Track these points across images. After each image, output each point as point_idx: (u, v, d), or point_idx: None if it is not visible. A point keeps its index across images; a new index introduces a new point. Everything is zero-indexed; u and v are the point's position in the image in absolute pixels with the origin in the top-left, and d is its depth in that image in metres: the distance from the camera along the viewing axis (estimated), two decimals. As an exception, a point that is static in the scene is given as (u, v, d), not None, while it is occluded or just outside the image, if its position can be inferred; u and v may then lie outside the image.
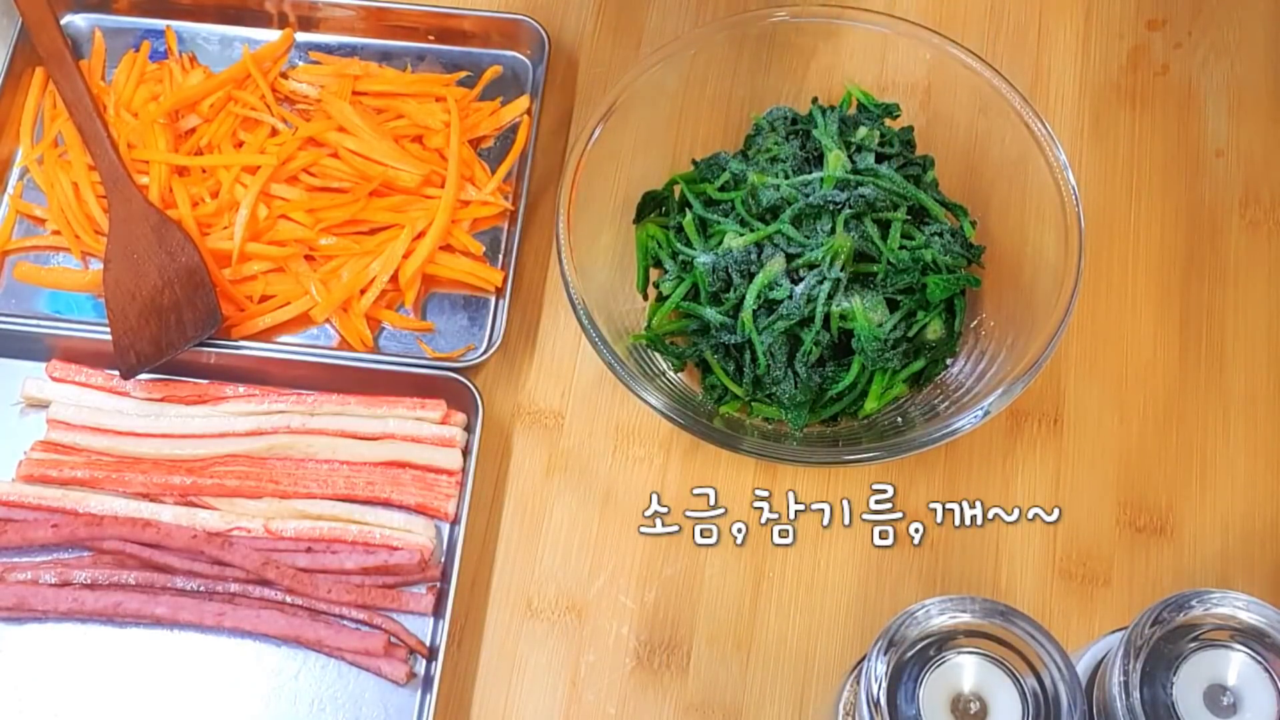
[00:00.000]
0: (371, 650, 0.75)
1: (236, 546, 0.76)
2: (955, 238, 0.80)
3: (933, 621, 0.59)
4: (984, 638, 0.60)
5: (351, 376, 0.82)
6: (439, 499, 0.79)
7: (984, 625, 0.59)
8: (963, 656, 0.59)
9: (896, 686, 0.58)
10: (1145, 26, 0.94)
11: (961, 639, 0.60)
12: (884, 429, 0.78)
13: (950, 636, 0.60)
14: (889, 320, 0.77)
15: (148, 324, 0.81)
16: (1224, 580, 0.78)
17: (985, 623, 0.59)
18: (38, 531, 0.77)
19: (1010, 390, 0.73)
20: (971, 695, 0.59)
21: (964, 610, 0.60)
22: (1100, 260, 0.86)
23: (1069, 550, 0.79)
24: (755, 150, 0.83)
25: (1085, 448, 0.81)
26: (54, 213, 0.86)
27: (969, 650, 0.60)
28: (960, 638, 0.60)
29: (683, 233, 0.81)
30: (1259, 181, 0.88)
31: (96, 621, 0.76)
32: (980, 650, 0.60)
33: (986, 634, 0.60)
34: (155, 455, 0.80)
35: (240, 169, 0.86)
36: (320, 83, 0.90)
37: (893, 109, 0.85)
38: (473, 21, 0.92)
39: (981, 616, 0.59)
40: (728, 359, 0.79)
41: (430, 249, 0.84)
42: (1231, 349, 0.84)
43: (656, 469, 0.81)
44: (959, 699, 0.59)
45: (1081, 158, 0.89)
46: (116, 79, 0.90)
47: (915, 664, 0.59)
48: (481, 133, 0.90)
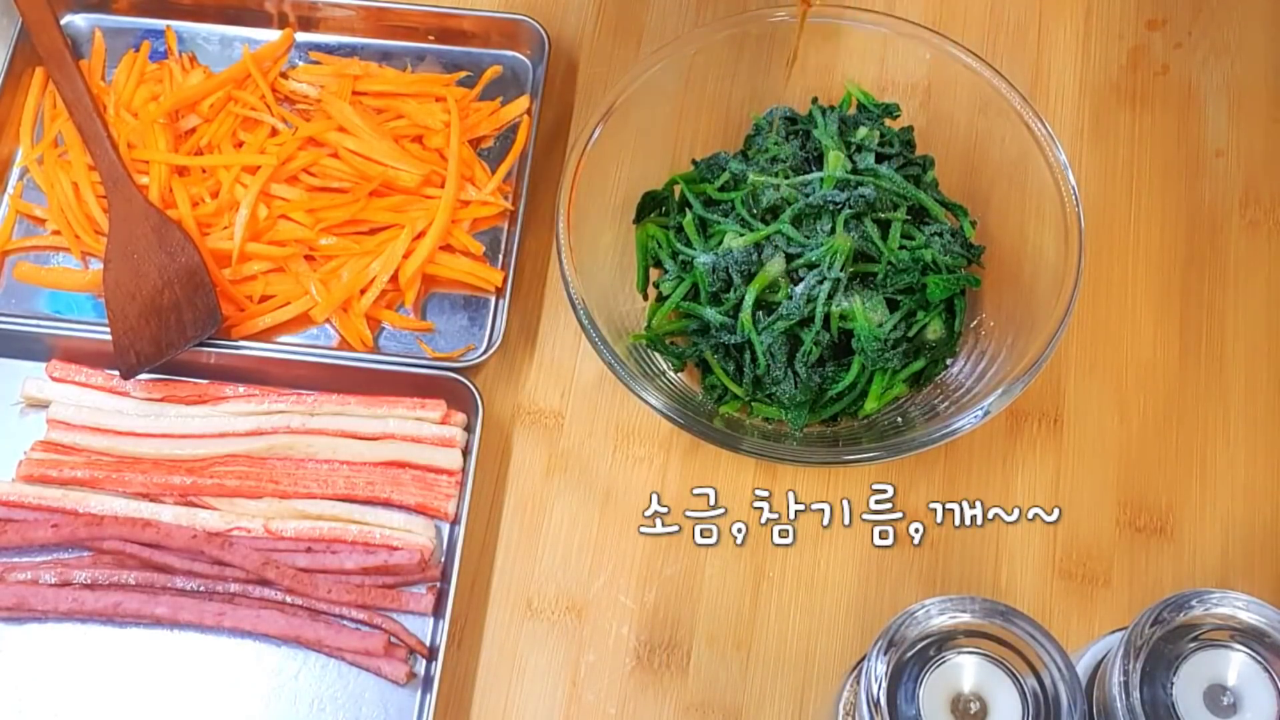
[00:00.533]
0: (371, 650, 0.75)
1: (236, 546, 0.76)
2: (955, 238, 0.80)
3: (933, 622, 0.60)
4: (984, 638, 0.60)
5: (351, 376, 0.82)
6: (439, 499, 0.79)
7: (984, 625, 0.60)
8: (963, 656, 0.60)
9: (896, 686, 0.59)
10: (1145, 26, 0.94)
11: (961, 639, 0.60)
12: (884, 429, 0.78)
13: (950, 636, 0.60)
14: (889, 320, 0.77)
15: (148, 324, 0.81)
16: (1224, 580, 0.78)
17: (985, 623, 0.59)
18: (38, 531, 0.77)
19: (1010, 390, 0.73)
20: (971, 695, 0.59)
21: (964, 610, 0.60)
22: (1100, 260, 0.86)
23: (1069, 550, 0.79)
24: (755, 150, 0.83)
25: (1085, 448, 0.81)
26: (54, 213, 0.86)
27: (969, 650, 0.60)
28: (960, 638, 0.60)
29: (683, 233, 0.81)
30: (1259, 181, 0.88)
31: (96, 621, 0.76)
32: (980, 650, 0.60)
33: (986, 634, 0.60)
34: (155, 455, 0.80)
35: (240, 169, 0.86)
36: (320, 83, 0.90)
37: (893, 109, 0.85)
38: (473, 21, 0.92)
39: (981, 616, 0.59)
40: (728, 359, 0.79)
41: (430, 249, 0.84)
42: (1231, 349, 0.84)
43: (656, 469, 0.81)
44: (959, 699, 0.59)
45: (1081, 158, 0.89)
46: (116, 79, 0.90)
47: (915, 664, 0.59)
48: (481, 133, 0.90)
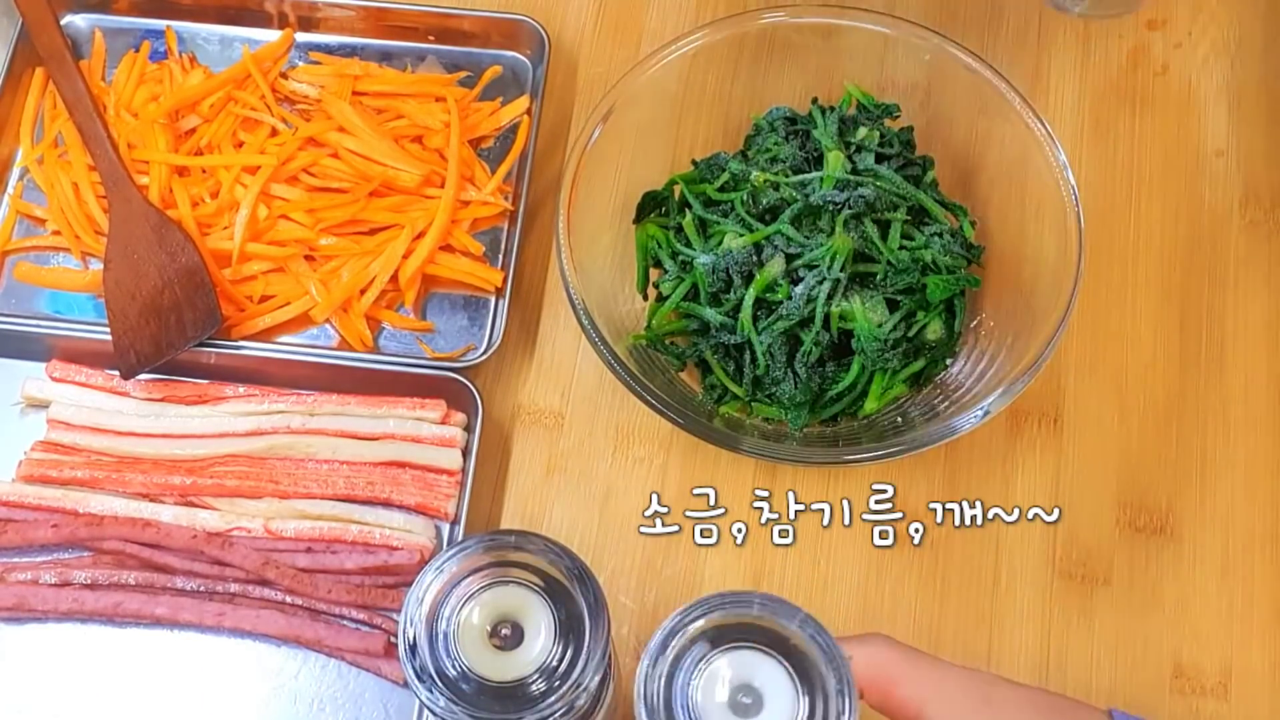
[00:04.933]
0: (371, 650, 0.75)
1: (236, 546, 0.76)
2: (955, 238, 0.80)
3: (690, 627, 0.57)
4: (747, 629, 0.57)
5: (351, 376, 0.82)
6: (439, 499, 0.79)
7: (732, 619, 0.57)
8: (727, 654, 0.57)
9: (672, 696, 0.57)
10: (1145, 26, 0.94)
11: (724, 638, 0.57)
12: (884, 429, 0.78)
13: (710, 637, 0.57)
14: (889, 320, 0.77)
15: (148, 324, 0.81)
16: (1224, 580, 0.78)
17: (731, 616, 0.57)
18: (38, 531, 0.77)
19: (1010, 390, 0.73)
20: (740, 687, 0.56)
21: (706, 611, 0.57)
22: (1100, 260, 0.86)
23: (1069, 550, 0.79)
24: (755, 150, 0.83)
25: (1085, 448, 0.81)
26: (54, 213, 0.86)
27: (734, 646, 0.57)
28: (718, 637, 0.57)
29: (683, 233, 0.81)
30: (1259, 181, 0.88)
31: (96, 621, 0.76)
32: (747, 644, 0.57)
33: (746, 625, 0.57)
34: (155, 455, 0.80)
35: (240, 169, 0.86)
36: (320, 83, 0.90)
37: (892, 109, 0.85)
38: (473, 21, 0.92)
39: (725, 611, 0.57)
40: (728, 359, 0.79)
41: (430, 249, 0.84)
42: (1231, 349, 0.84)
43: (656, 469, 0.81)
44: (732, 694, 0.57)
45: (1081, 158, 0.89)
46: (116, 79, 0.90)
47: (684, 668, 0.56)
48: (481, 133, 0.90)
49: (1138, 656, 0.76)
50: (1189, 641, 0.77)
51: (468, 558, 0.58)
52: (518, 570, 0.59)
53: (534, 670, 0.57)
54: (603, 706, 0.63)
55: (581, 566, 0.58)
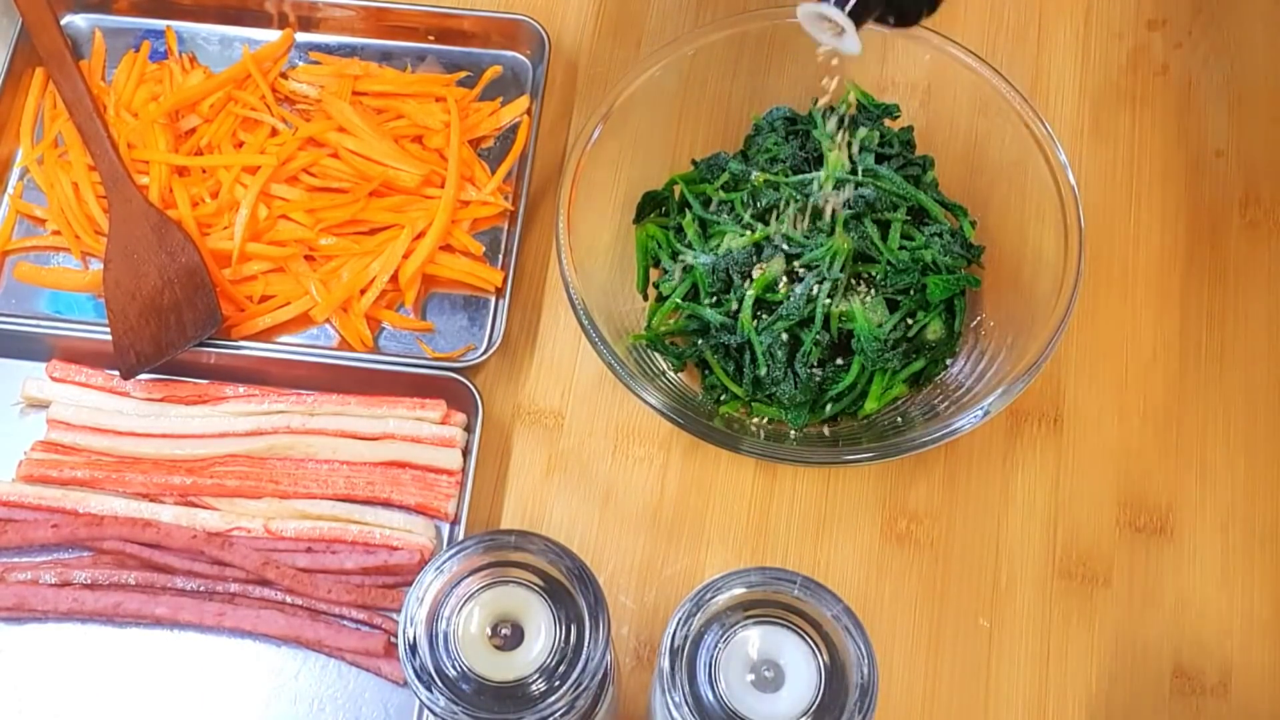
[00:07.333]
0: (371, 650, 0.75)
1: (236, 546, 0.76)
2: (955, 238, 0.80)
3: (719, 598, 0.58)
4: (771, 606, 0.58)
5: (351, 376, 0.82)
6: (439, 499, 0.79)
7: (766, 594, 0.58)
8: (753, 628, 0.58)
9: (694, 663, 0.57)
10: (1145, 26, 0.94)
11: (751, 611, 0.58)
12: (884, 429, 0.78)
13: (737, 609, 0.58)
14: (889, 320, 0.77)
15: (148, 324, 0.81)
16: (1224, 580, 0.78)
17: (766, 591, 0.58)
18: (38, 531, 0.77)
19: (1010, 390, 0.73)
20: (764, 662, 0.57)
21: (743, 581, 0.58)
22: (1100, 260, 0.86)
23: (1069, 550, 0.79)
24: (755, 150, 0.83)
25: (1085, 448, 0.81)
26: (54, 213, 0.86)
27: (760, 620, 0.58)
28: (747, 610, 0.58)
29: (683, 233, 0.81)
30: (1259, 181, 0.88)
31: (96, 621, 0.76)
32: (772, 619, 0.58)
33: (772, 602, 0.58)
34: (155, 455, 0.80)
35: (240, 169, 0.86)
36: (320, 83, 0.90)
37: (893, 109, 0.85)
38: (473, 21, 0.92)
39: (761, 585, 0.58)
40: (728, 359, 0.79)
41: (430, 249, 0.84)
42: (1231, 349, 0.84)
43: (656, 469, 0.81)
44: (755, 668, 0.57)
45: (1081, 158, 0.89)
46: (116, 79, 0.90)
47: (709, 638, 0.57)
48: (481, 133, 0.90)
49: (1138, 656, 0.76)
50: (1189, 641, 0.77)
51: (468, 558, 0.58)
52: (518, 570, 0.59)
53: (534, 670, 0.57)
54: (603, 706, 0.63)
55: (581, 566, 0.58)
